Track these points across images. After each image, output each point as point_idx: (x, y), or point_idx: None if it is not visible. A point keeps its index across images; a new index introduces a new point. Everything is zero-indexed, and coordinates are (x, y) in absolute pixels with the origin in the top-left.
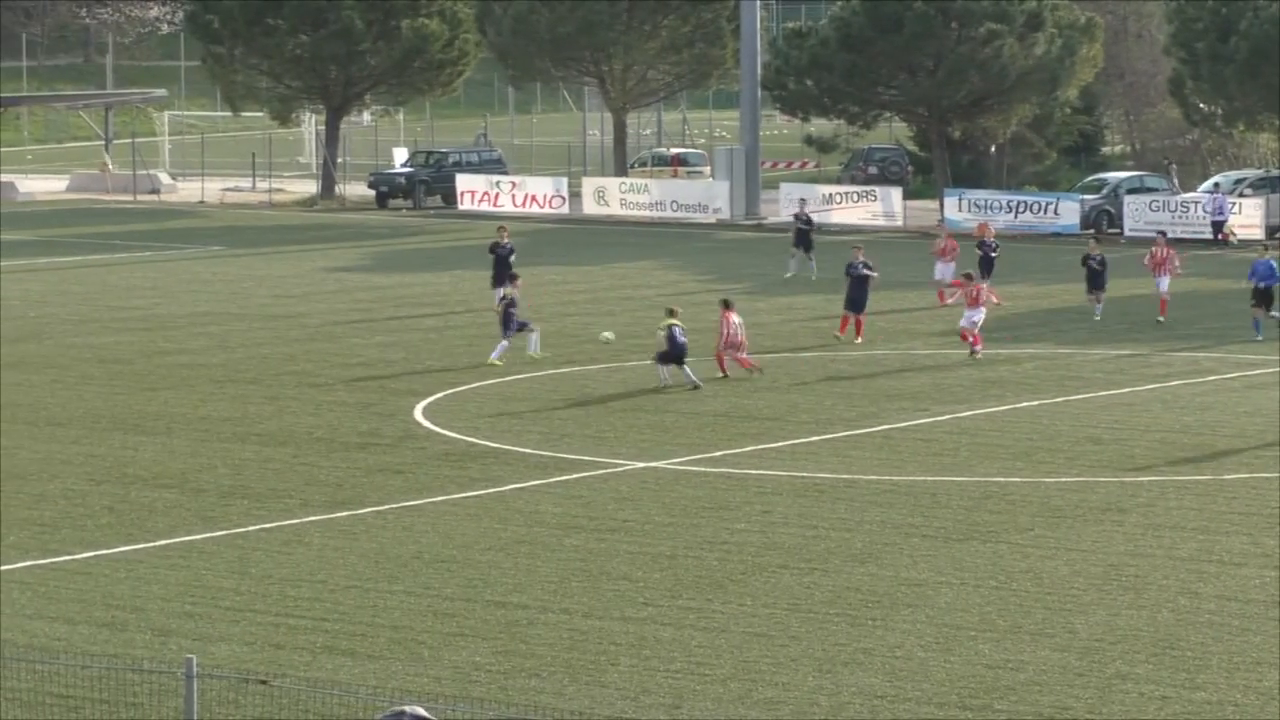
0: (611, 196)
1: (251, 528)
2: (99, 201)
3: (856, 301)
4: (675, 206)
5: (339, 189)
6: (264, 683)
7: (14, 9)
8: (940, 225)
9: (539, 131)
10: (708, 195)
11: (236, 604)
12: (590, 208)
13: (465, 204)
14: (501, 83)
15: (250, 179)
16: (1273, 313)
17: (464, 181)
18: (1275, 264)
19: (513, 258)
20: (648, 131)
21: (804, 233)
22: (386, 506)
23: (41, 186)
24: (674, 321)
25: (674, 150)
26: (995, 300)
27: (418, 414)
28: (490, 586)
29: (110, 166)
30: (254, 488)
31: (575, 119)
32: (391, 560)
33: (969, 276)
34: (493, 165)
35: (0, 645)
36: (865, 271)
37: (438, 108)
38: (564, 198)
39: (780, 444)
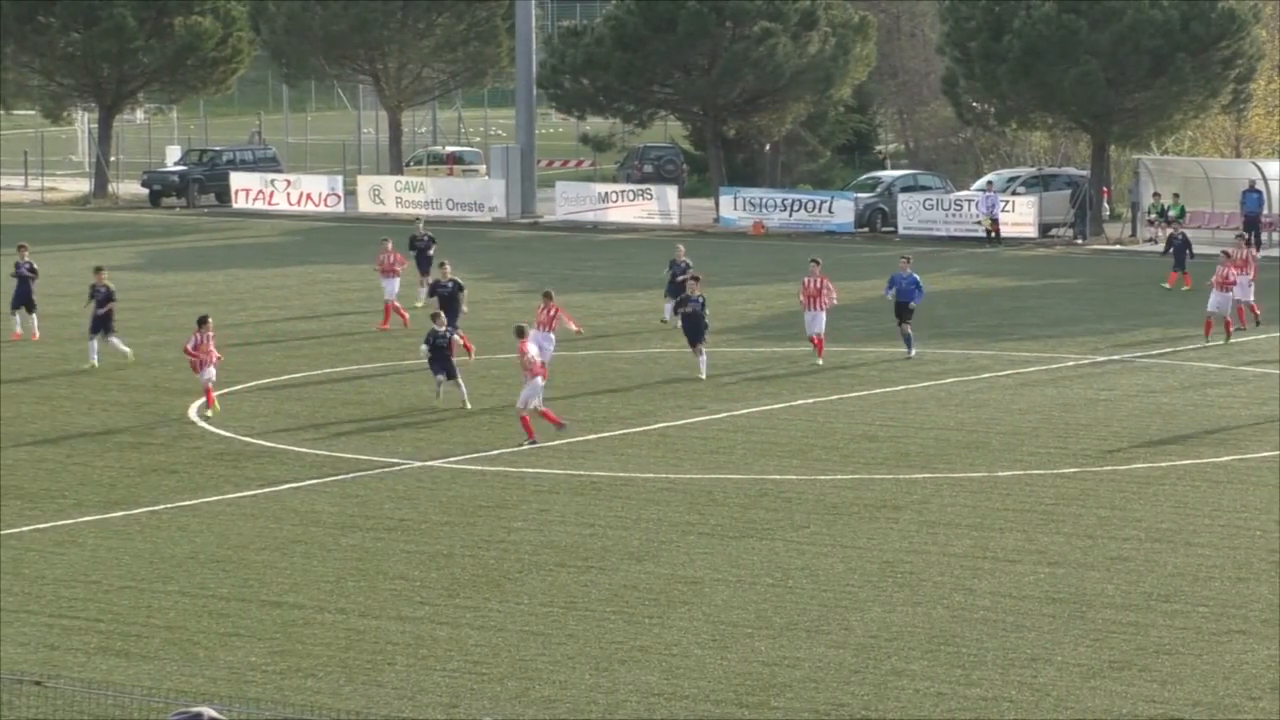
0: (387, 195)
1: (24, 528)
2: None
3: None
4: (451, 205)
5: (112, 187)
6: (38, 684)
7: None
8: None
9: (314, 130)
10: (484, 194)
11: (9, 605)
12: (366, 206)
13: (240, 202)
14: (276, 81)
15: (22, 177)
16: (906, 327)
17: (238, 180)
18: (919, 279)
19: (432, 250)
20: (423, 130)
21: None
22: (161, 506)
23: None
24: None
25: (449, 149)
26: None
27: (192, 413)
28: (266, 586)
29: None
30: (26, 487)
31: (350, 117)
32: (166, 560)
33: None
34: (267, 163)
35: None
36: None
37: (211, 106)
38: (339, 196)
39: (558, 442)
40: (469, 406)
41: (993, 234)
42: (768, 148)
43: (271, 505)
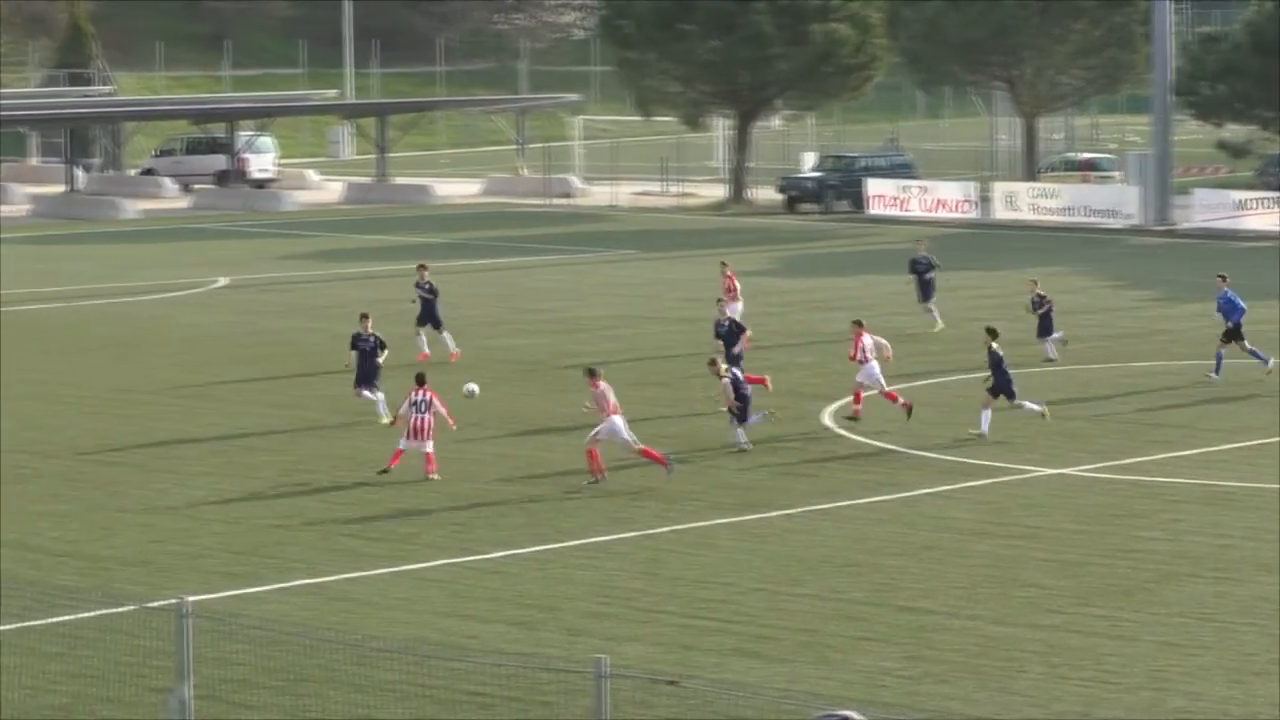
0: (1021, 201)
1: (662, 529)
2: (512, 205)
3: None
4: (1085, 211)
5: (748, 193)
6: (673, 683)
7: (430, 14)
8: None
9: (949, 136)
10: (1118, 200)
11: (647, 605)
12: (1000, 212)
13: (874, 209)
14: (911, 87)
15: (660, 183)
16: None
17: (873, 186)
18: None
19: (437, 300)
20: (1057, 136)
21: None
22: (795, 510)
23: (456, 190)
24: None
25: (1084, 155)
26: None
27: (826, 418)
28: (898, 591)
29: (524, 171)
30: (664, 490)
31: (984, 123)
32: (799, 563)
33: None
34: (902, 170)
35: (415, 643)
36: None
37: (847, 112)
38: (974, 202)
39: (1190, 451)
40: (1048, 417)
41: None
42: None
43: (904, 510)
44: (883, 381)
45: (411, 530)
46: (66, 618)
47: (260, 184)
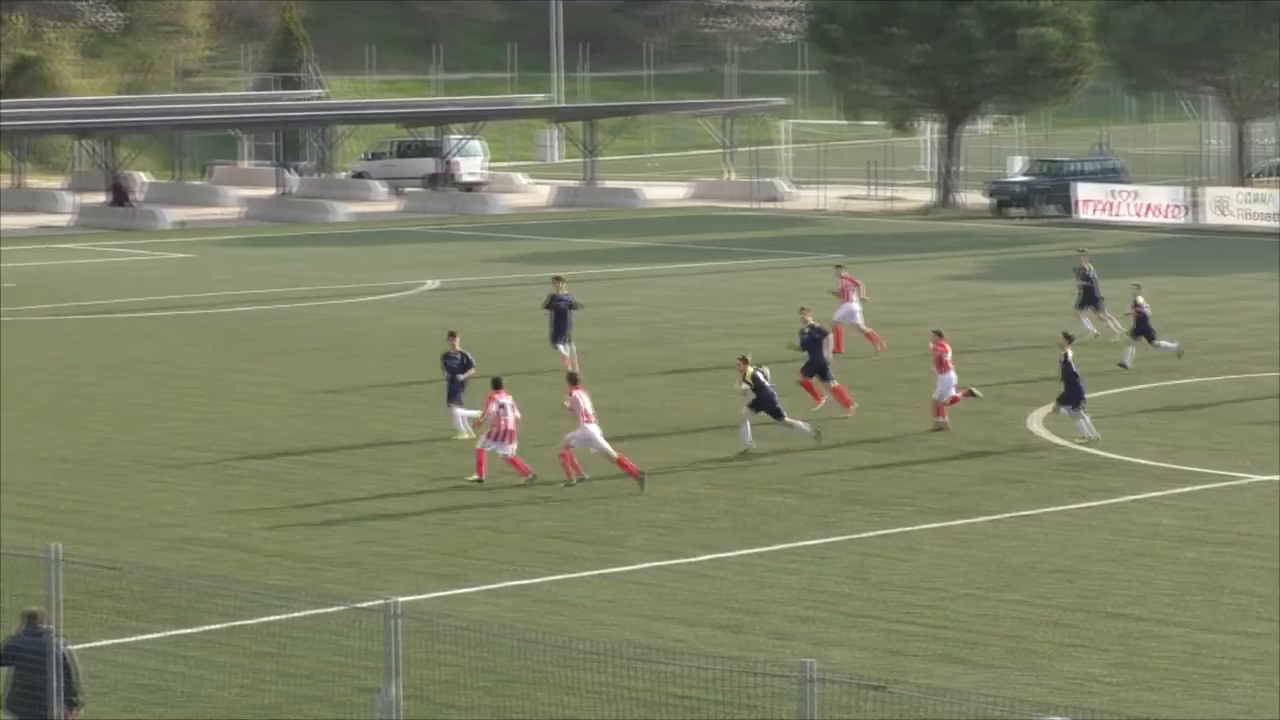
0: (1232, 206)
1: (868, 534)
2: (719, 209)
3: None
4: None
5: (956, 197)
6: (880, 688)
7: (639, 18)
8: None
9: (1158, 140)
10: None
11: (853, 609)
12: (1210, 218)
13: (1083, 213)
14: (1120, 91)
15: (868, 187)
16: None
17: (1082, 190)
18: None
19: (573, 312)
20: (1269, 141)
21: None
22: (1002, 515)
23: (663, 194)
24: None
25: None
26: None
27: (1033, 423)
28: (1107, 598)
29: (731, 175)
30: (870, 494)
31: (1194, 127)
32: (1006, 569)
33: None
34: (1111, 174)
35: (622, 645)
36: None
37: (1055, 116)
38: (1183, 207)
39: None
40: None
41: None
42: None
43: (1112, 517)
44: (953, 392)
45: (618, 533)
46: (277, 617)
47: (469, 187)
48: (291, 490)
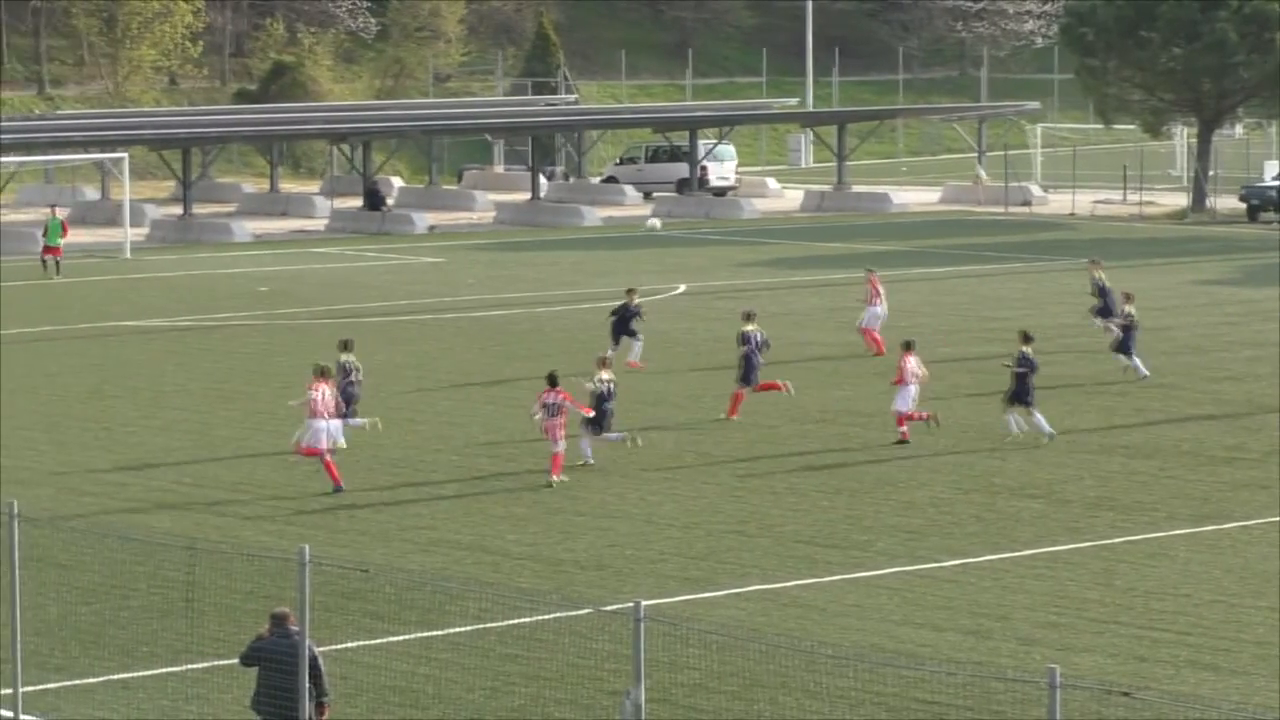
0: None
1: (1117, 539)
2: (970, 213)
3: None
4: None
5: (1210, 202)
6: (1127, 694)
7: (892, 22)
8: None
9: None
10: None
11: (1100, 615)
12: None
13: None
14: None
15: (1120, 191)
16: None
17: None
18: None
19: (635, 322)
20: None
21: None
22: (1253, 521)
23: (914, 198)
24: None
25: None
26: None
27: None
28: None
29: (983, 179)
30: (1119, 499)
31: None
32: (1257, 576)
33: None
34: None
35: (868, 650)
36: None
37: None
38: None
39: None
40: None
41: None
42: None
43: None
44: (909, 408)
45: (865, 538)
46: (524, 620)
47: (720, 192)
48: (540, 494)
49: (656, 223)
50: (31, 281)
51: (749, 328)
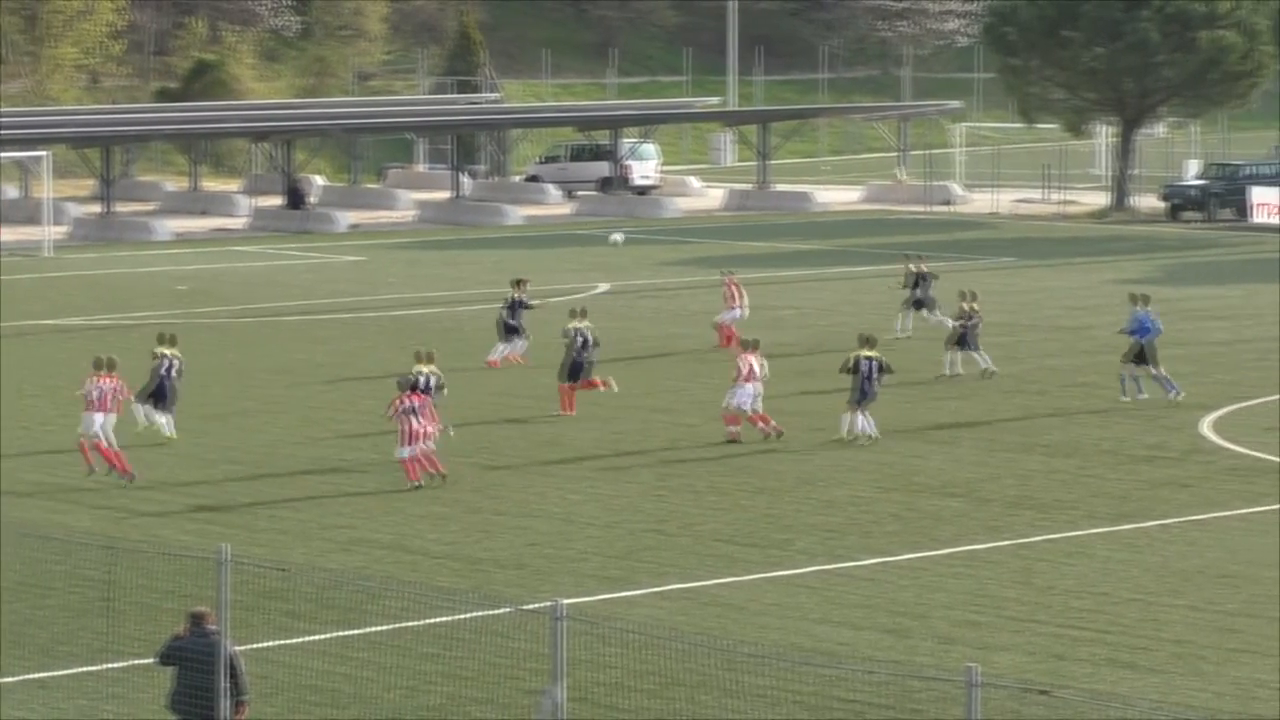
0: None
1: (1036, 538)
2: (892, 212)
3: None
4: None
5: (1131, 201)
6: (1045, 693)
7: (815, 22)
8: None
9: None
10: None
11: (1019, 614)
12: None
13: (1258, 217)
14: None
15: (1042, 190)
16: None
17: (1257, 194)
18: None
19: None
20: None
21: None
22: (1171, 520)
23: (836, 197)
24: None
25: None
26: None
27: (1204, 428)
28: (1275, 604)
29: (903, 178)
30: (1039, 498)
31: None
32: (1174, 574)
33: None
34: None
35: (787, 649)
36: None
37: (1232, 119)
38: None
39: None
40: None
41: None
42: None
43: None
44: (748, 408)
45: (785, 536)
46: (443, 619)
47: (642, 190)
48: (460, 493)
49: (619, 238)
50: None
51: (579, 324)
